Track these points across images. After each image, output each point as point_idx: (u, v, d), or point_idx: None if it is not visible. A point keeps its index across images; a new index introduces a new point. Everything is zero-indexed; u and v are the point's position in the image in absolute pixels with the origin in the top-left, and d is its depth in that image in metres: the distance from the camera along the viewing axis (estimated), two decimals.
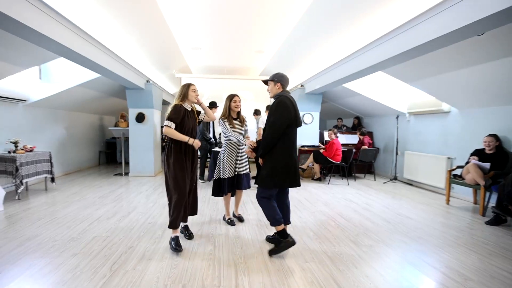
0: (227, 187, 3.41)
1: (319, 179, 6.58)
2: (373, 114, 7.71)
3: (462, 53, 3.80)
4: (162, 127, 2.86)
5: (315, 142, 7.39)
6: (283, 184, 2.70)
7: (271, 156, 2.69)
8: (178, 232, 2.95)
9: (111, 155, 9.17)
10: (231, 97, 3.38)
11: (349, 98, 7.40)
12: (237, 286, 2.22)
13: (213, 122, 6.33)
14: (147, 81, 6.74)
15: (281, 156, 2.67)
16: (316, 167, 6.57)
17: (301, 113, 7.13)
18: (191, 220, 3.55)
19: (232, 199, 3.78)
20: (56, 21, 3.23)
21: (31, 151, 4.99)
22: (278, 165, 2.67)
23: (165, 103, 9.29)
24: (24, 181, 4.58)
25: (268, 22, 4.54)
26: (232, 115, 3.43)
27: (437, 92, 5.02)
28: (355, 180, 6.64)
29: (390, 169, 7.01)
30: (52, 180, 5.27)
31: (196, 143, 2.89)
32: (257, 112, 6.78)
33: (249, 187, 3.54)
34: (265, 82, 2.92)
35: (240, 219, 3.72)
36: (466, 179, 4.33)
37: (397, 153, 6.66)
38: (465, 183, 4.36)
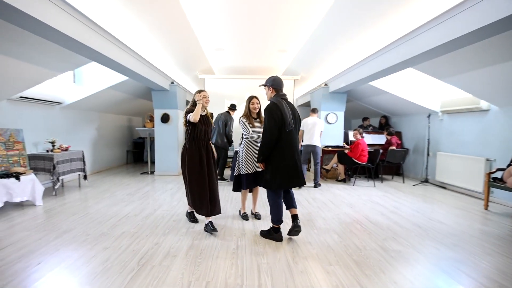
0: (245, 183, 3.54)
1: (343, 180, 6.46)
2: (401, 113, 7.46)
3: (502, 46, 3.57)
4: (187, 123, 3.24)
5: (340, 142, 7.26)
6: (288, 185, 2.89)
7: (271, 159, 2.89)
8: (192, 208, 3.50)
9: (138, 155, 9.53)
10: (249, 99, 3.58)
11: (376, 97, 7.20)
12: (259, 286, 2.24)
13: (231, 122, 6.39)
14: (172, 83, 6.92)
15: (279, 158, 2.84)
16: (341, 168, 6.46)
17: (325, 113, 7.17)
18: (214, 220, 3.62)
19: (250, 196, 3.95)
20: (89, 27, 3.41)
21: (66, 150, 5.30)
22: (278, 167, 2.85)
23: (188, 103, 9.48)
24: (60, 178, 4.89)
25: (291, 21, 4.52)
26: (252, 115, 3.60)
27: (474, 89, 4.74)
28: (382, 182, 6.45)
29: (421, 171, 6.75)
30: (85, 177, 5.56)
31: (198, 107, 3.14)
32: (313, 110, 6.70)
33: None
34: (263, 85, 3.12)
35: (257, 217, 3.81)
36: (508, 182, 4.05)
37: (428, 154, 6.40)
38: (507, 187, 4.08)
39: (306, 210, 4.21)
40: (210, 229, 3.26)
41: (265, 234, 3.18)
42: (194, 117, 3.12)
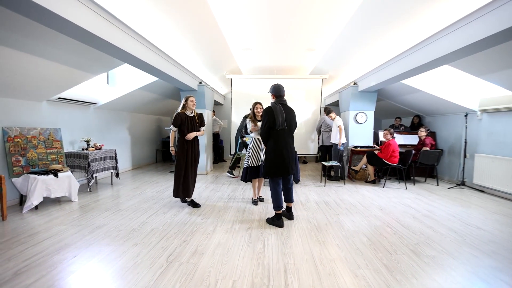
0: (248, 174, 4.31)
1: (373, 182, 6.32)
2: (436, 112, 7.13)
3: None
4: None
5: (369, 142, 7.08)
6: (276, 173, 3.47)
7: (267, 153, 3.52)
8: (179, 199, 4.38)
9: (166, 154, 9.80)
10: (254, 105, 4.39)
11: (408, 96, 6.94)
12: (286, 287, 2.23)
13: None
14: (200, 83, 7.05)
15: (271, 152, 3.46)
16: (370, 169, 6.33)
17: (354, 112, 7.06)
18: (245, 223, 3.66)
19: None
20: (121, 30, 3.56)
21: (100, 148, 5.56)
22: (271, 159, 3.47)
23: (216, 103, 9.65)
24: (94, 175, 5.14)
25: (319, 19, 4.46)
26: (257, 118, 4.39)
27: None
28: (414, 184, 6.21)
29: (457, 173, 6.41)
30: (117, 175, 5.81)
31: (172, 153, 4.16)
32: (327, 111, 6.77)
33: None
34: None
35: (260, 199, 4.68)
36: None
37: (465, 156, 6.06)
38: None
39: (333, 211, 4.16)
40: (192, 205, 4.27)
41: (270, 221, 3.62)
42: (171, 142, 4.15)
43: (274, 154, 3.46)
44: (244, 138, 6.75)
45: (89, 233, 3.21)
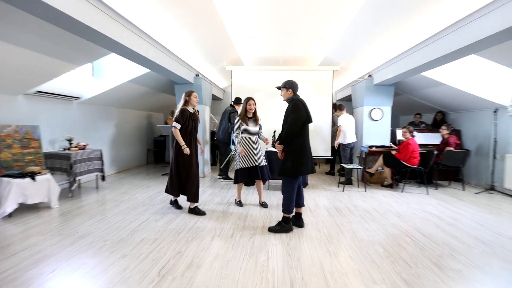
0: (240, 176, 4.53)
1: (390, 186, 6.30)
2: (461, 108, 7.08)
3: None
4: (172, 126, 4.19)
5: (386, 142, 7.05)
6: (306, 171, 3.58)
7: (293, 149, 3.57)
8: (194, 204, 4.32)
9: (159, 154, 9.81)
10: (247, 100, 4.53)
11: (429, 89, 6.90)
12: None
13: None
14: (196, 75, 7.04)
15: (301, 149, 3.56)
16: (387, 171, 6.30)
17: (368, 108, 7.07)
18: (247, 231, 3.65)
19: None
20: (107, 15, 3.54)
21: (83, 148, 5.56)
22: (300, 156, 3.55)
23: (215, 98, 9.64)
24: (77, 178, 5.13)
25: (330, 3, 4.43)
26: (248, 115, 4.55)
27: None
28: (436, 189, 6.18)
29: (485, 176, 6.36)
30: (103, 178, 5.80)
31: (187, 151, 4.11)
32: (340, 107, 6.95)
33: (269, 178, 4.73)
34: (279, 88, 3.85)
35: (264, 205, 4.72)
36: None
37: (494, 157, 6.01)
38: None
39: (346, 219, 4.15)
40: (176, 206, 4.49)
41: (275, 229, 3.67)
42: (179, 140, 4.15)
43: (303, 150, 3.57)
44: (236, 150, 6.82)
45: (70, 244, 3.19)
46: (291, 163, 3.56)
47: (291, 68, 7.61)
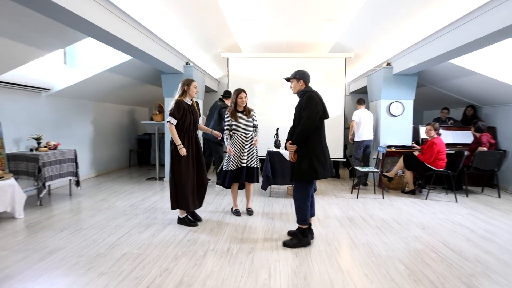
0: (227, 179, 4.59)
1: (412, 192, 6.30)
2: (496, 101, 7.09)
3: None
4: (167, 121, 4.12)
5: (407, 141, 7.05)
6: (324, 175, 3.56)
7: (309, 149, 3.54)
8: (184, 213, 4.26)
9: (143, 155, 9.81)
10: (237, 93, 4.59)
11: (459, 80, 6.89)
12: None
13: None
14: (187, 64, 7.04)
15: (318, 148, 3.55)
16: (408, 175, 6.30)
17: (387, 101, 7.10)
18: (246, 244, 3.65)
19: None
20: None
21: (55, 148, 5.56)
22: (318, 157, 3.52)
23: (208, 90, 9.63)
24: (47, 184, 5.12)
25: None
26: (238, 109, 4.63)
27: None
28: (467, 196, 6.18)
29: None
30: (77, 183, 5.80)
31: (183, 152, 3.99)
32: (359, 101, 7.16)
33: (257, 181, 4.77)
34: (288, 79, 3.83)
35: (249, 212, 4.83)
36: None
37: None
38: None
39: (360, 231, 4.15)
40: (192, 220, 4.30)
41: (292, 244, 3.64)
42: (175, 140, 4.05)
43: (321, 150, 3.56)
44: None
45: (39, 260, 3.17)
46: (307, 166, 3.52)
47: (297, 56, 7.60)
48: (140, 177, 7.69)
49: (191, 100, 4.24)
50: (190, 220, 4.29)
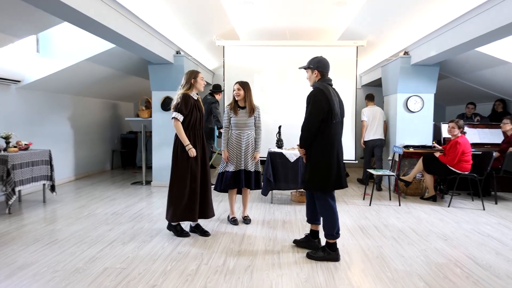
0: (223, 182, 4.62)
1: (432, 199, 6.30)
2: None
3: None
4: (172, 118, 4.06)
5: (427, 140, 7.05)
6: (333, 186, 3.51)
7: (312, 155, 3.56)
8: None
9: (128, 156, 9.80)
10: (234, 85, 4.67)
11: (487, 70, 6.88)
12: None
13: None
14: (177, 52, 7.02)
15: (324, 154, 3.51)
16: (429, 179, 6.30)
17: (404, 95, 7.06)
18: (244, 257, 3.65)
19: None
20: None
21: (26, 149, 5.54)
22: (318, 166, 3.51)
23: None
24: (17, 189, 5.10)
25: None
26: (239, 104, 4.67)
27: None
28: (496, 203, 6.18)
29: None
30: (52, 188, 5.79)
31: (192, 152, 3.98)
32: (369, 98, 7.39)
33: (258, 187, 4.84)
34: (305, 68, 3.75)
35: (246, 221, 4.83)
36: None
37: None
38: None
39: (374, 243, 4.13)
40: (199, 233, 4.26)
41: (318, 256, 3.61)
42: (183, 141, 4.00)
43: (329, 157, 3.52)
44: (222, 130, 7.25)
45: (6, 278, 3.15)
46: (308, 174, 3.56)
47: (302, 44, 7.58)
48: (124, 181, 7.67)
49: (197, 94, 4.28)
50: (182, 229, 4.26)
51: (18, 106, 6.20)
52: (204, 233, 4.27)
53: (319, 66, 3.62)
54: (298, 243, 3.97)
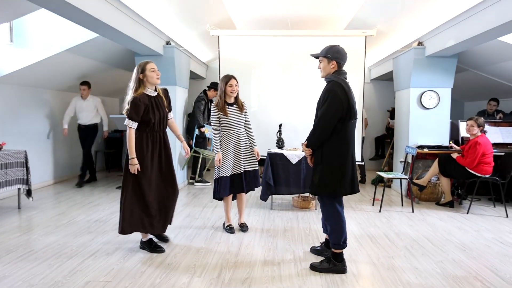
0: (222, 188, 4.61)
1: (449, 204, 6.30)
2: None
3: None
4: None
5: (443, 140, 7.07)
6: (338, 192, 3.51)
7: (323, 156, 3.50)
8: (147, 236, 4.12)
9: (112, 157, 9.81)
10: (226, 80, 4.58)
11: (511, 62, 6.87)
12: None
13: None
14: (167, 43, 7.03)
15: (336, 156, 3.48)
16: (445, 183, 6.31)
17: (418, 90, 7.11)
18: (241, 269, 3.68)
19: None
20: None
21: None
22: (332, 168, 3.47)
23: (194, 77, 9.64)
24: None
25: None
26: (227, 100, 4.66)
27: None
28: None
29: None
30: (28, 193, 5.79)
31: (134, 169, 3.82)
32: None
33: (255, 186, 4.91)
34: (316, 56, 3.68)
35: (243, 229, 4.87)
36: None
37: None
38: None
39: (384, 252, 4.14)
40: (154, 246, 4.11)
41: (322, 268, 3.60)
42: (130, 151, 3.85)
43: (340, 160, 3.49)
44: (203, 129, 7.76)
45: None
46: (318, 177, 3.54)
47: (304, 34, 7.58)
48: (108, 185, 7.67)
49: (155, 89, 4.07)
50: (156, 245, 4.14)
51: None
52: (162, 239, 4.33)
53: (338, 56, 3.52)
54: (314, 251, 4.04)
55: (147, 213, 3.98)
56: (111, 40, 5.86)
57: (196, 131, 7.74)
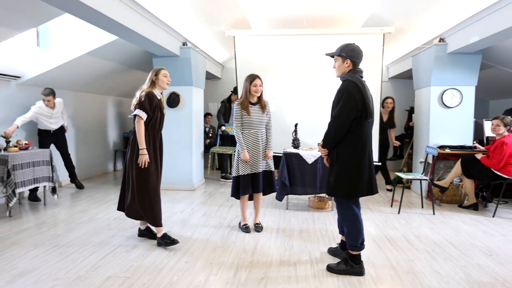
0: (241, 187, 4.69)
1: (473, 207, 6.21)
2: None
3: None
4: (134, 116, 4.20)
5: (466, 140, 6.99)
6: (355, 193, 3.50)
7: (338, 157, 3.47)
8: (163, 229, 4.27)
9: None
10: (251, 79, 4.61)
11: None
12: None
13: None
14: (184, 44, 7.13)
15: (352, 157, 3.44)
16: (468, 185, 6.20)
17: (439, 89, 7.04)
18: (257, 268, 3.74)
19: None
20: None
21: (26, 148, 5.69)
22: (348, 168, 3.44)
23: (210, 77, 9.73)
24: (18, 191, 5.25)
25: None
26: (251, 100, 4.69)
27: None
28: None
29: None
30: (54, 191, 5.96)
31: (145, 159, 4.10)
32: None
33: (272, 191, 4.99)
34: (331, 55, 3.64)
35: (258, 229, 4.89)
36: None
37: None
38: None
39: (404, 255, 4.09)
40: (167, 242, 4.16)
41: (340, 269, 3.58)
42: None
43: (356, 161, 3.47)
44: (224, 128, 8.07)
45: (6, 284, 3.26)
46: (333, 178, 3.52)
47: (320, 32, 7.46)
48: None
49: (161, 93, 4.43)
50: (171, 237, 4.27)
51: (18, 103, 6.36)
52: (155, 235, 4.40)
53: (352, 55, 3.48)
54: (331, 252, 4.07)
55: (159, 202, 4.39)
56: (130, 42, 5.98)
57: (219, 131, 8.05)
